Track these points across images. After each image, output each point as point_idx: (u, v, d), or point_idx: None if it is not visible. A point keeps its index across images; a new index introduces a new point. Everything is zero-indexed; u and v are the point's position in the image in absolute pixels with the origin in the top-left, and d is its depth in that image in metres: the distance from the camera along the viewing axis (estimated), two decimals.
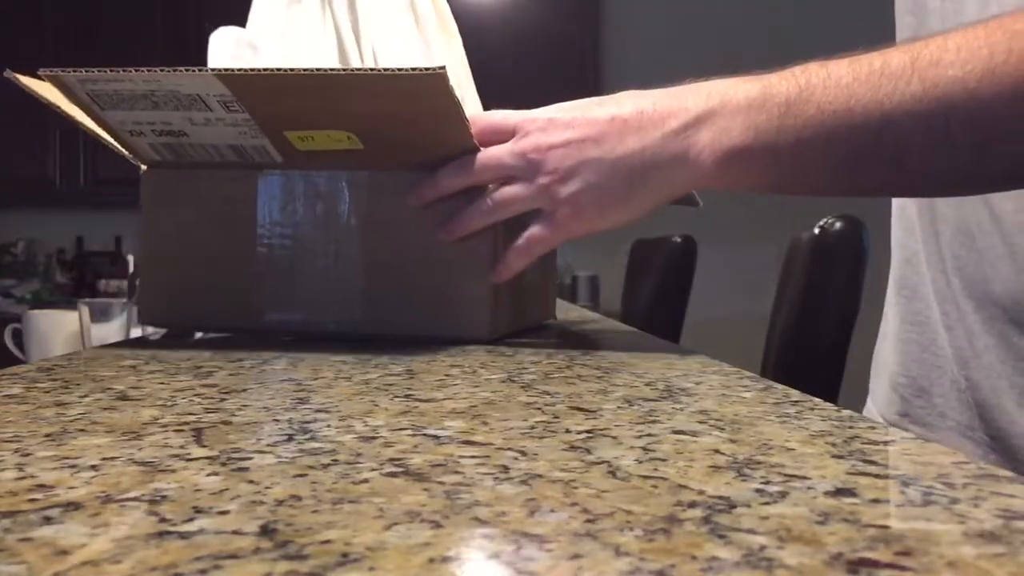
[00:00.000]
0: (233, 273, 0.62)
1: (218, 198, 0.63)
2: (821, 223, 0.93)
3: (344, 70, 0.55)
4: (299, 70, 0.53)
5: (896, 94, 0.46)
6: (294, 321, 0.62)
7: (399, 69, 0.52)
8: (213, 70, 0.53)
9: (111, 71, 0.54)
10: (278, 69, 0.53)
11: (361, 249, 0.61)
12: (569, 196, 0.55)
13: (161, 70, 0.53)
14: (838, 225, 0.92)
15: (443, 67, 0.51)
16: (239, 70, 0.53)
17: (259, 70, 0.53)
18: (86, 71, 0.54)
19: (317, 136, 0.58)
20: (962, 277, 0.58)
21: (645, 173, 0.53)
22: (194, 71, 0.53)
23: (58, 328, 1.14)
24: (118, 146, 0.63)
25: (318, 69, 0.53)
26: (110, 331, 1.09)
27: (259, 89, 0.55)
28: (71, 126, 0.67)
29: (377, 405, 0.34)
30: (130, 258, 3.13)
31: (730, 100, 0.51)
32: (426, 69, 0.51)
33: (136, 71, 0.54)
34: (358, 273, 0.61)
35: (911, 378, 0.64)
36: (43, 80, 0.57)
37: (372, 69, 0.55)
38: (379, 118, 0.56)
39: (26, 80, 0.64)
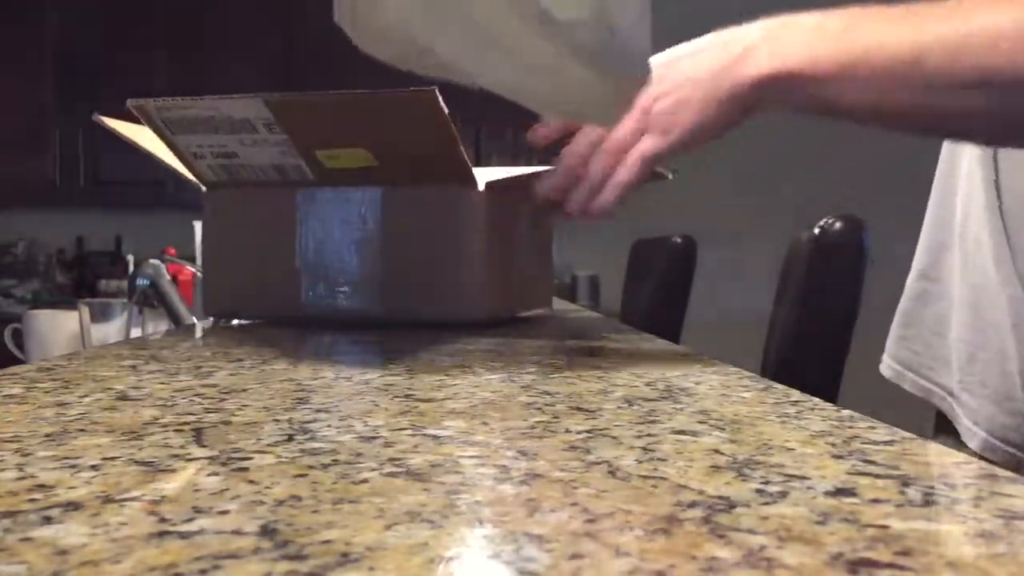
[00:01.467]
0: (278, 272, 0.75)
1: (264, 210, 0.75)
2: (821, 223, 0.93)
3: (355, 92, 0.64)
4: (319, 93, 0.65)
5: (931, 30, 0.51)
6: (327, 309, 0.74)
7: (397, 90, 0.61)
8: (259, 95, 0.64)
9: (182, 99, 0.66)
10: (306, 93, 0.65)
11: (379, 250, 0.73)
12: (661, 110, 0.62)
13: (219, 97, 0.65)
14: (838, 225, 0.92)
15: (433, 87, 0.58)
16: (279, 94, 0.65)
17: (292, 94, 0.65)
18: (163, 100, 0.66)
19: (341, 155, 0.69)
20: (1012, 244, 0.59)
21: (718, 88, 0.60)
22: (244, 97, 0.64)
23: (58, 328, 1.14)
24: (185, 171, 0.75)
25: (335, 92, 0.64)
26: (110, 331, 1.09)
27: (292, 109, 0.66)
28: (71, 126, 0.74)
29: (377, 405, 0.34)
30: (130, 258, 3.14)
31: (791, 25, 0.58)
32: (416, 89, 0.59)
33: (200, 99, 0.65)
34: (377, 270, 0.73)
35: (964, 342, 0.67)
36: (130, 109, 0.68)
37: (377, 91, 0.63)
38: (385, 134, 0.67)
39: (109, 121, 0.78)
